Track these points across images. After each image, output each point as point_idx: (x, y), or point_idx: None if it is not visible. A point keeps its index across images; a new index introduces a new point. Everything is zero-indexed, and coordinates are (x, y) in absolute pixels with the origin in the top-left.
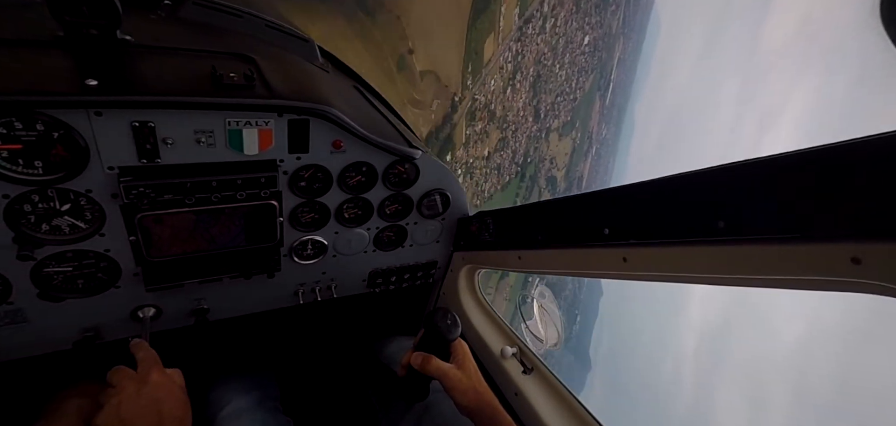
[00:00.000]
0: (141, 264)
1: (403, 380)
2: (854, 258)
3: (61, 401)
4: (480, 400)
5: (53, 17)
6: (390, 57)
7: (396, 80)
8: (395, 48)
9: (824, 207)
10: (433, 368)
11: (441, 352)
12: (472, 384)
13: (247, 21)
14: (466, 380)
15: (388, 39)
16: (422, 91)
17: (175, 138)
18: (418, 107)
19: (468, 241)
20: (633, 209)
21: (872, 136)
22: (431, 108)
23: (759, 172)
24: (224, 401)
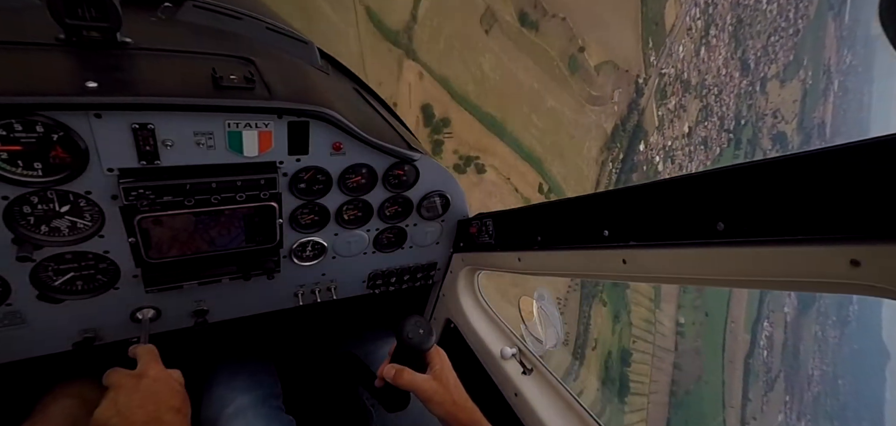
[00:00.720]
0: (140, 266)
1: (382, 390)
2: (853, 260)
3: (48, 402)
4: (458, 411)
5: (54, 20)
6: (560, 61)
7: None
8: (564, 51)
9: (824, 209)
10: (406, 382)
11: (415, 362)
12: (450, 396)
13: (246, 23)
14: (443, 391)
15: (556, 44)
16: (599, 85)
17: (175, 140)
18: (598, 103)
19: (468, 243)
20: (632, 211)
21: (872, 138)
22: (613, 101)
23: (759, 174)
24: (228, 400)
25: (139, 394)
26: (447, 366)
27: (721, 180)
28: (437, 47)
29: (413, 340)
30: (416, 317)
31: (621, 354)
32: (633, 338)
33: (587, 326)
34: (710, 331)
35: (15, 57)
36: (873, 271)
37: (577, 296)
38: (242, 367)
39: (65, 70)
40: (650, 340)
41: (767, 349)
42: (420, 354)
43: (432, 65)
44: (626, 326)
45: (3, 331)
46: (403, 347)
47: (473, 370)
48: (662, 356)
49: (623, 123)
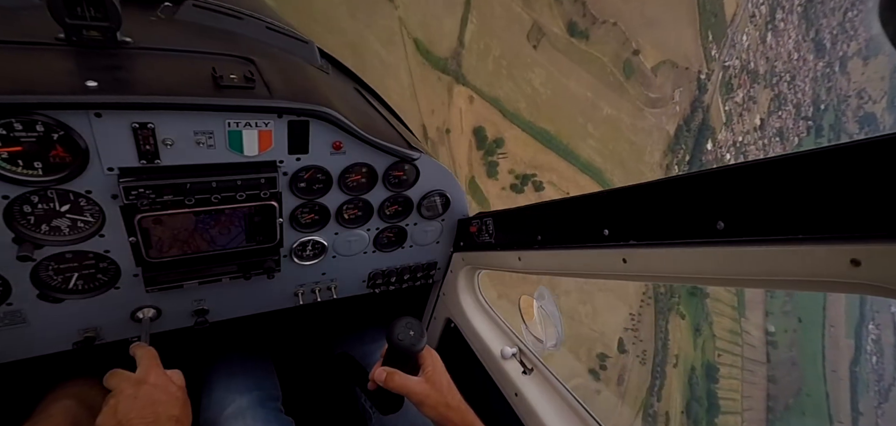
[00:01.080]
0: (141, 265)
1: (376, 393)
2: (853, 259)
3: (49, 402)
4: (451, 413)
5: (54, 20)
6: (614, 67)
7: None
8: (618, 56)
9: (824, 209)
10: (397, 385)
11: (407, 364)
12: (443, 398)
13: (247, 23)
14: (435, 394)
15: (608, 51)
16: (658, 87)
17: (175, 139)
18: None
19: (468, 242)
20: (632, 210)
21: (872, 137)
22: (674, 101)
23: (759, 174)
24: (227, 402)
25: (139, 402)
26: (439, 367)
27: (721, 180)
28: (486, 69)
29: (403, 342)
30: (407, 318)
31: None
32: (718, 352)
33: (665, 342)
34: (806, 338)
35: (15, 56)
36: (874, 270)
37: (650, 311)
38: (241, 368)
39: (65, 69)
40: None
41: (876, 354)
42: (411, 356)
43: (482, 87)
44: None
45: (3, 331)
46: (394, 350)
47: (474, 370)
48: (753, 369)
49: (686, 123)
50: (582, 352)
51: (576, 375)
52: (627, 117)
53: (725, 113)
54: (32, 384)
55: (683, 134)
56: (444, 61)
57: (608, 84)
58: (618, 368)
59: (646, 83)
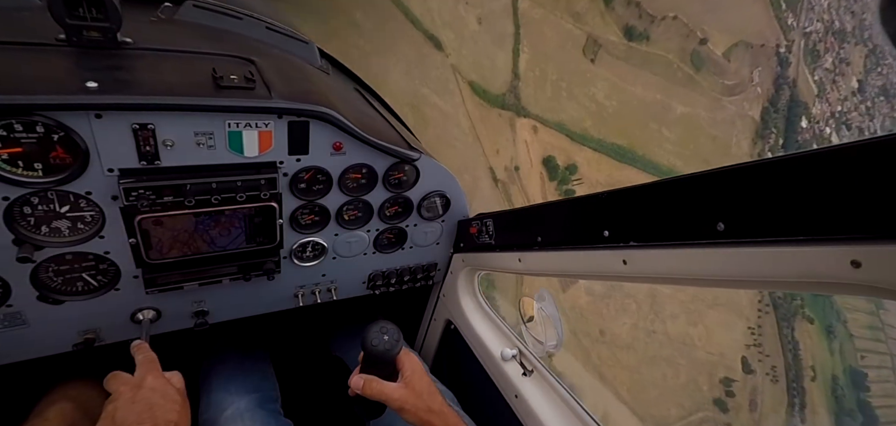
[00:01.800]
0: (140, 266)
1: (355, 400)
2: (854, 261)
3: (45, 405)
4: (432, 417)
5: (54, 20)
6: (681, 62)
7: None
8: (683, 49)
9: (824, 210)
10: (375, 392)
11: (384, 370)
12: (423, 403)
13: (247, 23)
14: (414, 398)
15: (672, 46)
16: (734, 72)
17: (175, 140)
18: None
19: (468, 244)
20: (632, 212)
21: (873, 138)
22: (753, 83)
23: (760, 175)
24: (225, 404)
25: (137, 407)
26: (418, 370)
27: (721, 180)
28: (545, 95)
29: (377, 348)
30: (382, 322)
31: (851, 377)
32: (861, 354)
33: (796, 353)
34: None
35: (15, 57)
36: (874, 271)
37: (771, 320)
38: (240, 370)
39: (65, 70)
40: (884, 350)
41: None
42: (388, 361)
43: (544, 114)
44: (846, 340)
45: (3, 333)
46: (369, 356)
47: (474, 371)
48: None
49: (773, 104)
50: (703, 381)
51: (700, 408)
52: (704, 111)
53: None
54: (32, 385)
55: (771, 116)
56: (501, 97)
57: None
58: (747, 392)
59: (719, 71)
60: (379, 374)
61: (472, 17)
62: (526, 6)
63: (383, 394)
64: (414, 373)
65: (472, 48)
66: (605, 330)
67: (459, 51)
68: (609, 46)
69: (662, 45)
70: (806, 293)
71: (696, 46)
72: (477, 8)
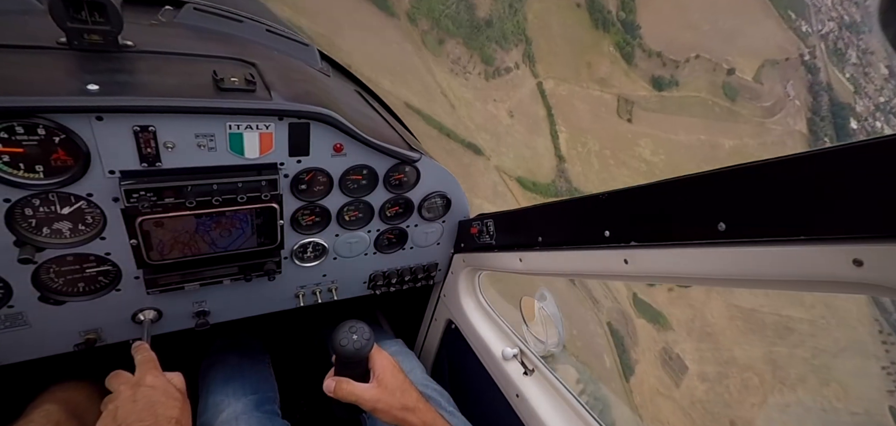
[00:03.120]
0: (141, 267)
1: (332, 402)
2: (856, 259)
3: (32, 407)
4: (408, 414)
5: (56, 24)
6: (715, 98)
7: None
8: (713, 84)
9: (826, 209)
10: (345, 393)
11: (357, 370)
12: (397, 400)
13: (247, 26)
14: (387, 397)
15: (702, 85)
16: (768, 92)
17: (176, 142)
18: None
19: (469, 244)
20: (633, 212)
21: (875, 138)
22: (790, 97)
23: (760, 175)
24: (223, 405)
25: (138, 405)
26: (389, 368)
27: (722, 180)
28: (593, 169)
29: (346, 348)
30: (351, 321)
31: None
32: None
33: None
34: None
35: (17, 60)
36: (876, 270)
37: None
38: (239, 371)
39: (66, 73)
40: None
41: None
42: (359, 362)
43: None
44: None
45: (5, 334)
46: (340, 358)
47: (475, 371)
48: None
49: (815, 112)
50: None
51: None
52: (751, 139)
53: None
54: (34, 386)
55: (818, 124)
56: (552, 184)
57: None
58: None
59: (754, 95)
60: (352, 375)
61: (503, 112)
62: (551, 86)
63: (354, 395)
64: (385, 371)
65: (511, 143)
66: (736, 419)
67: (498, 150)
68: (641, 102)
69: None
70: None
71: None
72: (504, 102)
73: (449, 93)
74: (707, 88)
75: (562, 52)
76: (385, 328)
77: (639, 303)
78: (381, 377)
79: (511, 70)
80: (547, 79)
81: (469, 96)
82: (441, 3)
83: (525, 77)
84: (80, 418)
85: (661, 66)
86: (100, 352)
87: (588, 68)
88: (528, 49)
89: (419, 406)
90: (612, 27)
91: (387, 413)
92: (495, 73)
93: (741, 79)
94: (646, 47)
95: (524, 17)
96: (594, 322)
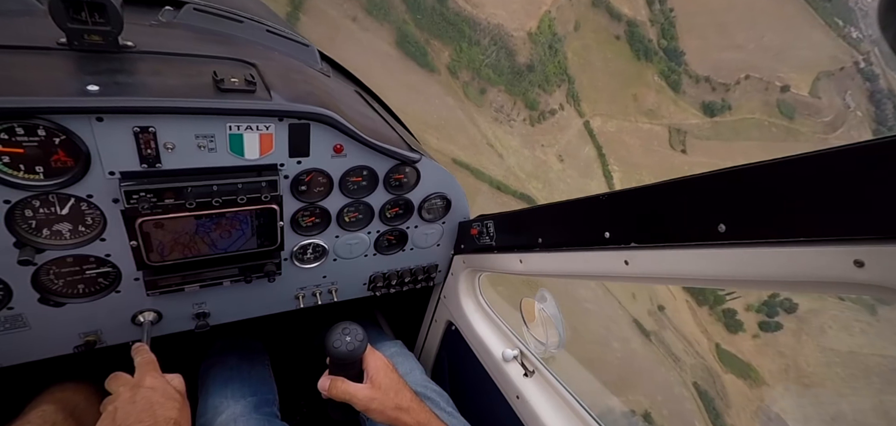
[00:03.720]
0: (141, 269)
1: (328, 403)
2: (857, 260)
3: (29, 408)
4: (402, 414)
5: (56, 24)
6: (771, 118)
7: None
8: (767, 103)
9: (827, 210)
10: (340, 392)
11: (351, 371)
12: (390, 400)
13: (247, 26)
14: (381, 397)
15: (755, 106)
16: (827, 106)
17: (176, 143)
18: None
19: (469, 245)
20: (633, 213)
21: (876, 139)
22: (850, 108)
23: (761, 176)
24: (222, 407)
25: (137, 406)
26: (383, 368)
27: (722, 182)
28: None
29: (340, 350)
30: (344, 323)
31: None
32: None
33: None
34: None
35: (17, 61)
36: (877, 271)
37: None
38: (238, 373)
39: (66, 74)
40: None
41: None
42: (353, 363)
43: None
44: None
45: (5, 335)
46: (333, 359)
47: (475, 372)
48: None
49: (880, 121)
50: None
51: None
52: None
53: None
54: (33, 388)
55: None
56: None
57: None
58: None
59: (813, 111)
60: (346, 376)
61: (552, 157)
62: (598, 123)
63: (348, 394)
64: (378, 371)
65: (564, 189)
66: None
67: (552, 197)
68: (694, 130)
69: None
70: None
71: (780, 96)
72: (552, 146)
73: (495, 142)
74: (762, 109)
75: (606, 86)
76: (385, 329)
77: (723, 354)
78: (375, 377)
79: (556, 112)
80: (593, 116)
81: (516, 144)
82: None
83: (571, 117)
84: (79, 420)
85: (710, 91)
86: (100, 353)
87: (634, 101)
88: (571, 88)
89: (413, 406)
90: (655, 56)
91: (380, 413)
92: (540, 117)
93: (797, 95)
94: (692, 73)
95: (564, 56)
96: (678, 383)
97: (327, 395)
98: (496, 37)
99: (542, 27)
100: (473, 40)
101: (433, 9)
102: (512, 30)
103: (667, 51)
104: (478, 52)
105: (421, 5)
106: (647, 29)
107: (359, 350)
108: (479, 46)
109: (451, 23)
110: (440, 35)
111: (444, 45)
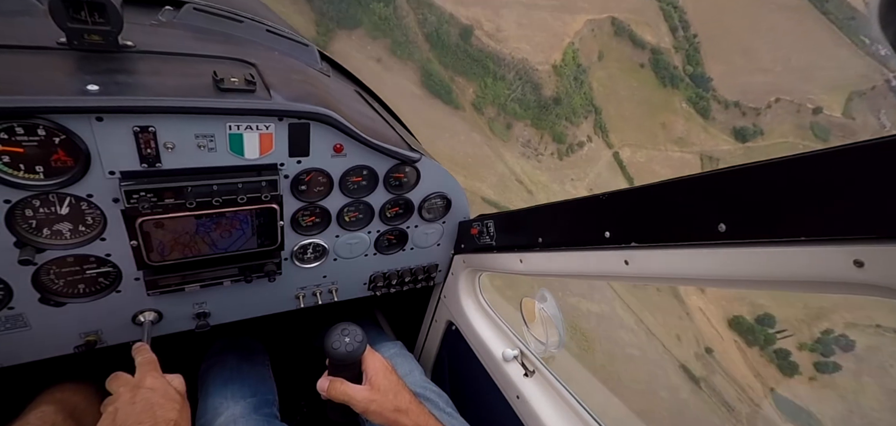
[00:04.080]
0: (142, 269)
1: (328, 404)
2: (857, 260)
3: (29, 409)
4: (401, 416)
5: (56, 24)
6: (804, 140)
7: None
8: (800, 126)
9: (826, 209)
10: (340, 393)
11: (350, 372)
12: (389, 402)
13: (247, 26)
14: (380, 398)
15: (787, 129)
16: (861, 127)
17: (176, 143)
18: None
19: (469, 245)
20: (633, 213)
21: (876, 139)
22: (885, 128)
23: (761, 176)
24: (221, 408)
25: (137, 407)
26: (381, 370)
27: (722, 181)
28: None
29: (339, 351)
30: (343, 324)
31: None
32: None
33: None
34: None
35: (16, 60)
36: (877, 271)
37: None
38: (238, 374)
39: (66, 73)
40: None
41: None
42: (352, 364)
43: None
44: None
45: (5, 335)
46: (332, 360)
47: (475, 372)
48: None
49: None
50: None
51: None
52: None
53: None
54: (33, 388)
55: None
56: None
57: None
58: None
59: (847, 132)
60: (346, 377)
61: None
62: (628, 154)
63: (347, 396)
64: (377, 372)
65: None
66: None
67: None
68: (725, 157)
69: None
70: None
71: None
72: (582, 179)
73: (524, 178)
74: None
75: (633, 115)
76: (385, 329)
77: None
78: (374, 378)
79: (584, 144)
80: (622, 147)
81: (544, 179)
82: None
83: (599, 149)
84: (79, 420)
85: (740, 116)
86: (100, 353)
87: (663, 129)
88: (599, 119)
89: (412, 408)
90: (681, 82)
91: (379, 414)
92: (568, 150)
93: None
94: (720, 98)
95: (590, 87)
96: None
97: (326, 396)
98: (521, 71)
99: (566, 59)
100: (498, 75)
101: (457, 46)
102: (536, 63)
103: (693, 77)
104: (503, 86)
105: (445, 43)
106: (672, 56)
107: (358, 351)
108: (504, 81)
109: (476, 59)
110: (465, 72)
111: (468, 81)
